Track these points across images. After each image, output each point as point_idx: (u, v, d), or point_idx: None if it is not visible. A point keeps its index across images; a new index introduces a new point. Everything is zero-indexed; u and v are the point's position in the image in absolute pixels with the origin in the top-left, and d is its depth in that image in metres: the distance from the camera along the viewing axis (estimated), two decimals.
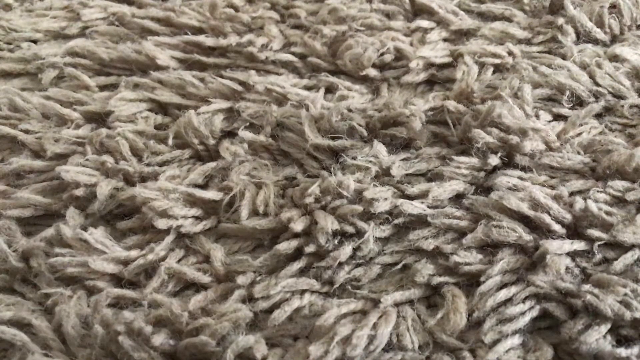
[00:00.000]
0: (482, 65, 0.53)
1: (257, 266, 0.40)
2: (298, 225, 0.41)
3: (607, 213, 0.39)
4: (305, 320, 0.38)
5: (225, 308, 0.37)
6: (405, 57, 0.55)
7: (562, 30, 0.56)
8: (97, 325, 0.36)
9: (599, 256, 0.38)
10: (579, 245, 0.38)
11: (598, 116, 0.48)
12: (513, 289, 0.37)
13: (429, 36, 0.57)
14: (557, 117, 0.49)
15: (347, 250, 0.40)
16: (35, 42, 0.62)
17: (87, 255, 0.41)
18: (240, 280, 0.39)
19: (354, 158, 0.45)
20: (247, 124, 0.50)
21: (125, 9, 0.63)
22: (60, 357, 0.36)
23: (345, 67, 0.55)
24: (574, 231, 0.39)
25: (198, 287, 0.40)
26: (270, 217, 0.42)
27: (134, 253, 0.41)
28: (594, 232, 0.38)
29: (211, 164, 0.47)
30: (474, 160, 0.44)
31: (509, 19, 0.59)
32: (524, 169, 0.44)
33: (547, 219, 0.39)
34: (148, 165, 0.47)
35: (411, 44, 0.57)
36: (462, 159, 0.44)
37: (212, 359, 0.35)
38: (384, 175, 0.44)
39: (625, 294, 0.35)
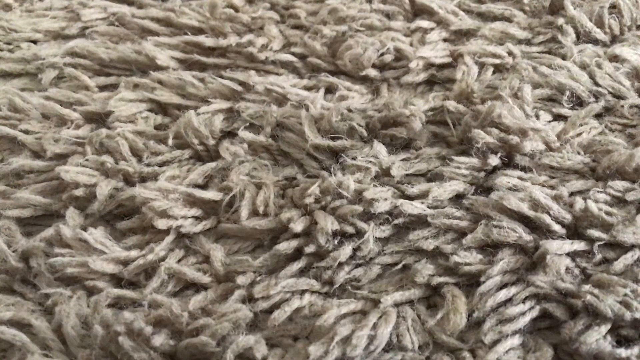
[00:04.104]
0: (482, 66, 0.53)
1: (257, 266, 0.40)
2: (298, 226, 0.41)
3: (607, 213, 0.39)
4: (305, 320, 0.38)
5: (225, 308, 0.37)
6: (405, 57, 0.55)
7: (562, 31, 0.56)
8: (97, 326, 0.36)
9: (599, 256, 0.38)
10: (579, 245, 0.38)
11: (598, 116, 0.48)
12: (513, 289, 0.37)
13: (429, 36, 0.57)
14: (557, 117, 0.49)
15: (347, 250, 0.40)
16: (35, 42, 0.62)
17: (87, 255, 0.41)
18: (240, 280, 0.39)
19: (354, 158, 0.45)
20: (247, 124, 0.50)
21: (125, 9, 0.63)
22: (60, 358, 0.36)
23: (345, 67, 0.55)
24: (574, 231, 0.39)
25: (198, 287, 0.40)
26: (270, 217, 0.42)
27: (133, 253, 0.41)
28: (594, 233, 0.38)
29: (211, 164, 0.47)
30: (474, 161, 0.44)
31: (509, 19, 0.59)
32: (524, 169, 0.44)
33: (547, 219, 0.39)
34: (148, 165, 0.47)
35: (411, 44, 0.57)
36: (462, 159, 0.44)
37: (212, 359, 0.35)
38: (384, 176, 0.44)
39: (625, 294, 0.35)
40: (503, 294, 0.37)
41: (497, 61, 0.53)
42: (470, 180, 0.43)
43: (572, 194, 0.41)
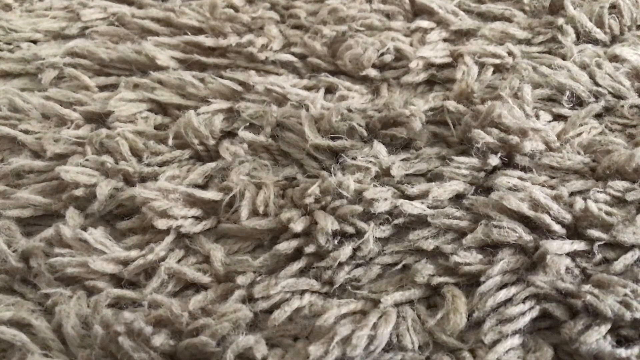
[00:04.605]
0: (482, 66, 0.53)
1: (257, 266, 0.40)
2: (298, 226, 0.41)
3: (607, 213, 0.39)
4: (305, 320, 0.38)
5: (225, 308, 0.37)
6: (405, 57, 0.55)
7: (562, 31, 0.56)
8: (97, 326, 0.36)
9: (599, 256, 0.38)
10: (579, 245, 0.38)
11: (598, 116, 0.48)
12: (513, 289, 0.37)
13: (429, 36, 0.57)
14: (557, 117, 0.49)
15: (347, 250, 0.40)
16: (35, 42, 0.62)
17: (87, 255, 0.41)
18: (240, 280, 0.39)
19: (354, 158, 0.45)
20: (247, 124, 0.50)
21: (125, 9, 0.63)
22: (60, 358, 0.36)
23: (345, 67, 0.55)
24: (574, 231, 0.39)
25: (198, 287, 0.40)
26: (270, 217, 0.42)
27: (133, 253, 0.41)
28: (594, 233, 0.38)
29: (211, 164, 0.47)
30: (474, 161, 0.44)
31: (509, 19, 0.59)
32: (524, 169, 0.44)
33: (547, 219, 0.39)
34: (148, 165, 0.47)
35: (411, 44, 0.57)
36: (462, 159, 0.44)
37: (212, 359, 0.35)
38: (384, 176, 0.44)
39: (625, 294, 0.35)
40: (503, 294, 0.37)
41: (497, 61, 0.53)
42: (470, 180, 0.43)
43: (572, 194, 0.41)
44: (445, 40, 0.58)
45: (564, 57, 0.53)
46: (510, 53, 0.54)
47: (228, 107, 0.51)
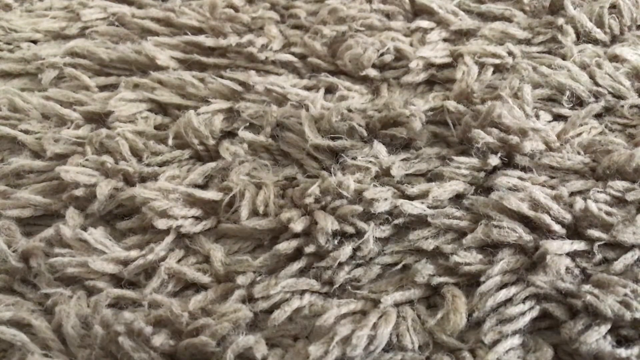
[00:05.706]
0: (482, 66, 0.53)
1: (257, 266, 0.40)
2: (298, 226, 0.41)
3: (607, 213, 0.39)
4: (305, 320, 0.38)
5: (225, 308, 0.37)
6: (405, 57, 0.55)
7: (562, 31, 0.56)
8: (97, 326, 0.36)
9: (599, 256, 0.38)
10: (579, 245, 0.38)
11: (598, 116, 0.48)
12: (513, 289, 0.37)
13: (429, 36, 0.57)
14: (557, 117, 0.49)
15: (347, 250, 0.40)
16: (35, 42, 0.62)
17: (87, 255, 0.41)
18: (240, 280, 0.39)
19: (354, 158, 0.45)
20: (247, 124, 0.50)
21: (125, 9, 0.63)
22: (60, 358, 0.36)
23: (345, 67, 0.55)
24: (574, 231, 0.39)
25: (198, 287, 0.40)
26: (270, 217, 0.42)
27: (133, 253, 0.41)
28: (594, 233, 0.38)
29: (211, 164, 0.47)
30: (474, 161, 0.44)
31: (509, 19, 0.59)
32: (524, 169, 0.44)
33: (547, 219, 0.39)
34: (148, 165, 0.47)
35: (411, 44, 0.57)
36: (462, 159, 0.44)
37: (212, 359, 0.35)
38: (384, 176, 0.44)
39: (625, 294, 0.35)
40: (503, 294, 0.37)
41: (497, 61, 0.53)
42: (470, 180, 0.43)
43: (572, 194, 0.41)
44: (445, 40, 0.58)
45: (564, 57, 0.53)
46: (510, 53, 0.54)
47: (228, 107, 0.52)
